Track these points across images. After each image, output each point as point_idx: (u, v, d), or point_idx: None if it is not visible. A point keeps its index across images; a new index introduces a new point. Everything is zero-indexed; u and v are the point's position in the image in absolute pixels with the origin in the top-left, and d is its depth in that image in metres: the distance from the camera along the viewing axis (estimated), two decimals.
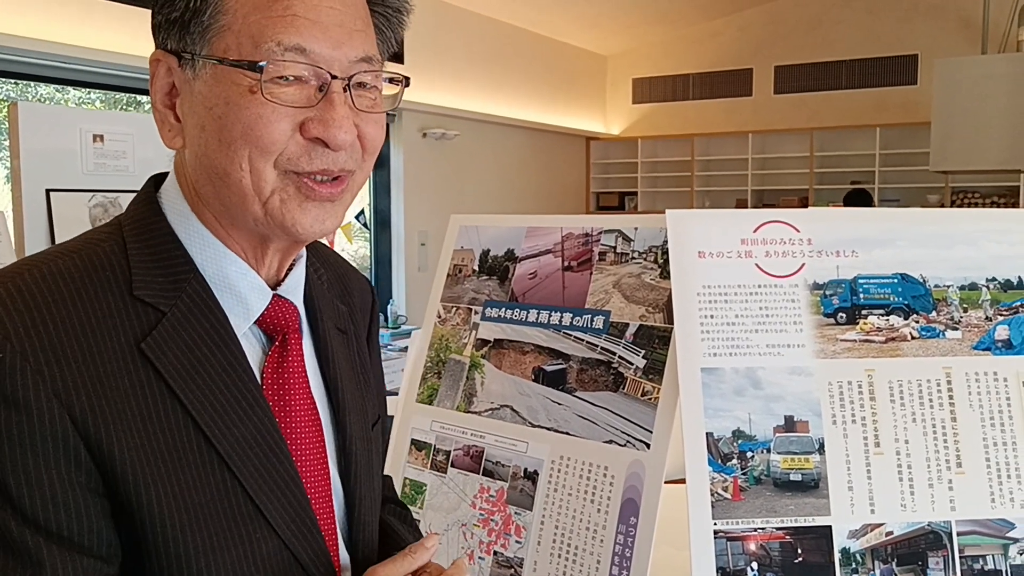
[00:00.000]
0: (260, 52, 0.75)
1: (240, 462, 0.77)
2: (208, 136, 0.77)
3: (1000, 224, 1.33)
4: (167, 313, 0.77)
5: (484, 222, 1.58)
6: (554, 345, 1.40)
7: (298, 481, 0.81)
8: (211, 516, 0.75)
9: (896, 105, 8.06)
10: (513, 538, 1.34)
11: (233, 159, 0.76)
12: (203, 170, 0.80)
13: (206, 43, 0.77)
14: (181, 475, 0.74)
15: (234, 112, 0.75)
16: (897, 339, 1.27)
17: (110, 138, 3.44)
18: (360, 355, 0.99)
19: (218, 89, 0.76)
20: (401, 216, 6.73)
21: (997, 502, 1.21)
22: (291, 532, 0.80)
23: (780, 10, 8.56)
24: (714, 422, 1.21)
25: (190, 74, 0.78)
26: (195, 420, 0.75)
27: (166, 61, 0.80)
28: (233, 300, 0.82)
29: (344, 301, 0.99)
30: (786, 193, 8.55)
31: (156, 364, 0.75)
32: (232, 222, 0.82)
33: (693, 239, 1.28)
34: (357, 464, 0.90)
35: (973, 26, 7.16)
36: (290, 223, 0.79)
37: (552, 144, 8.68)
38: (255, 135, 0.75)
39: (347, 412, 0.91)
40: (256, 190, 0.78)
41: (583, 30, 8.45)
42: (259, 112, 0.75)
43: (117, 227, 0.82)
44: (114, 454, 0.71)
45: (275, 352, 0.85)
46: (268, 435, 0.80)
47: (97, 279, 0.76)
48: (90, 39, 4.42)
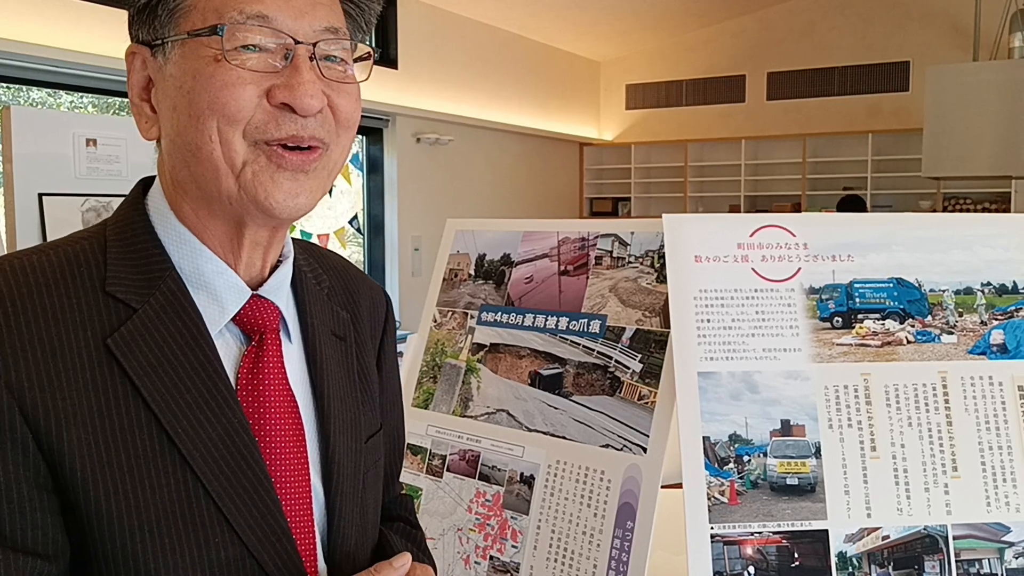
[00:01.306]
0: (223, 20, 0.76)
1: (204, 463, 0.75)
2: (179, 115, 0.78)
3: (995, 229, 1.33)
4: (138, 310, 0.76)
5: (480, 226, 1.58)
6: (550, 349, 1.40)
7: (267, 485, 0.79)
8: (165, 518, 0.73)
9: (888, 111, 8.10)
10: (509, 543, 1.34)
11: (203, 131, 0.77)
12: (177, 152, 0.80)
13: (174, 25, 0.78)
14: (136, 474, 0.72)
15: (201, 83, 0.76)
16: (893, 343, 1.27)
17: (103, 142, 3.43)
18: (361, 363, 0.97)
19: (185, 65, 0.77)
20: (395, 221, 6.72)
21: (992, 506, 1.21)
22: (256, 538, 0.77)
23: (773, 17, 8.59)
24: (711, 426, 1.21)
25: (162, 60, 0.80)
26: (158, 419, 0.74)
27: (140, 53, 0.82)
28: (209, 299, 0.81)
29: (347, 308, 0.97)
30: (779, 199, 8.58)
31: (121, 361, 0.74)
32: (209, 210, 0.81)
33: (690, 243, 1.28)
34: (341, 474, 0.88)
35: (964, 33, 7.20)
36: (263, 196, 0.78)
37: (546, 150, 8.69)
38: (221, 103, 0.76)
39: (333, 420, 0.88)
40: (228, 162, 0.77)
41: (577, 36, 8.47)
42: (224, 79, 0.76)
43: (102, 228, 0.82)
44: (64, 450, 0.70)
45: (251, 352, 0.83)
46: (237, 436, 0.78)
47: (70, 274, 0.76)
48: (82, 43, 4.42)
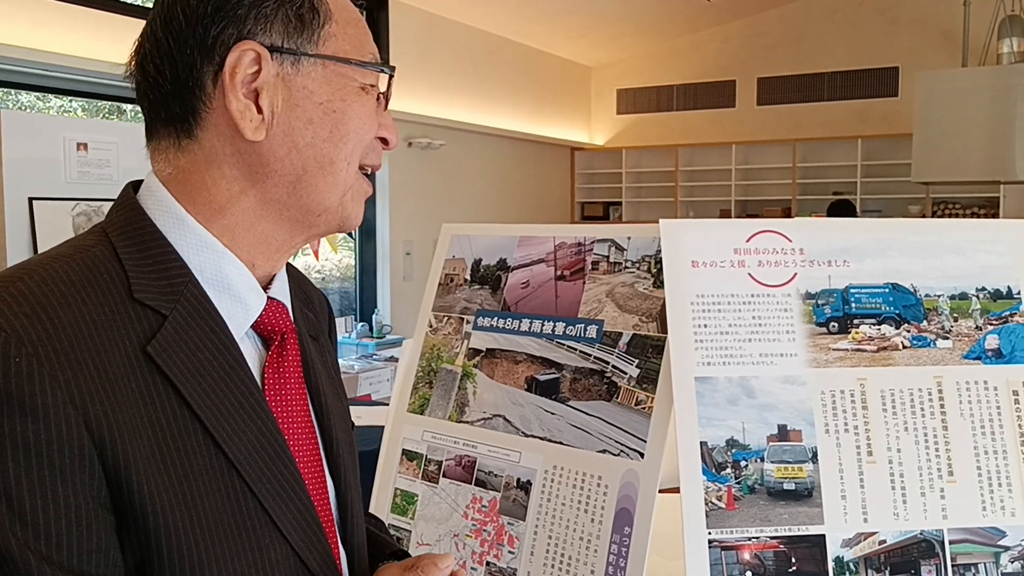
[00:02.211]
0: (364, 56, 0.85)
1: (249, 466, 0.76)
2: (317, 129, 0.82)
3: (989, 234, 1.34)
4: (168, 316, 0.75)
5: (476, 231, 1.58)
6: (547, 354, 1.40)
7: (303, 485, 0.81)
8: (222, 524, 0.74)
9: (878, 117, 8.15)
10: (506, 548, 1.34)
11: (342, 151, 0.83)
12: (300, 161, 0.82)
13: (319, 42, 0.82)
14: (193, 483, 0.72)
15: (351, 108, 0.83)
16: (889, 348, 1.28)
17: (94, 146, 3.41)
18: (332, 361, 1.00)
19: (331, 87, 0.82)
20: (386, 225, 6.72)
21: (988, 510, 1.22)
22: (299, 537, 0.79)
23: (763, 23, 8.63)
24: (708, 431, 1.21)
25: (290, 70, 0.81)
26: (204, 424, 0.74)
27: (258, 52, 0.79)
28: (231, 302, 0.81)
29: (309, 309, 0.99)
30: (769, 203, 8.61)
31: (163, 367, 0.73)
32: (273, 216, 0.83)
33: (686, 249, 1.29)
34: (345, 468, 0.91)
35: (954, 39, 7.25)
36: (354, 216, 0.87)
37: (537, 154, 8.69)
38: (363, 131, 0.84)
39: (331, 416, 0.91)
40: (347, 181, 0.85)
41: (568, 41, 8.48)
42: (368, 109, 0.85)
43: (102, 233, 0.80)
44: (127, 463, 0.69)
45: (275, 353, 0.84)
46: (273, 439, 0.79)
47: (97, 283, 0.74)
48: (72, 47, 4.40)
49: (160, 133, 0.83)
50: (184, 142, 0.81)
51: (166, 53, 0.79)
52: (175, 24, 0.79)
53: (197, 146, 0.81)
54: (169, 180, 0.82)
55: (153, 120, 0.83)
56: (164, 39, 0.79)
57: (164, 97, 0.80)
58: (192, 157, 0.81)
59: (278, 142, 0.81)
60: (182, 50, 0.79)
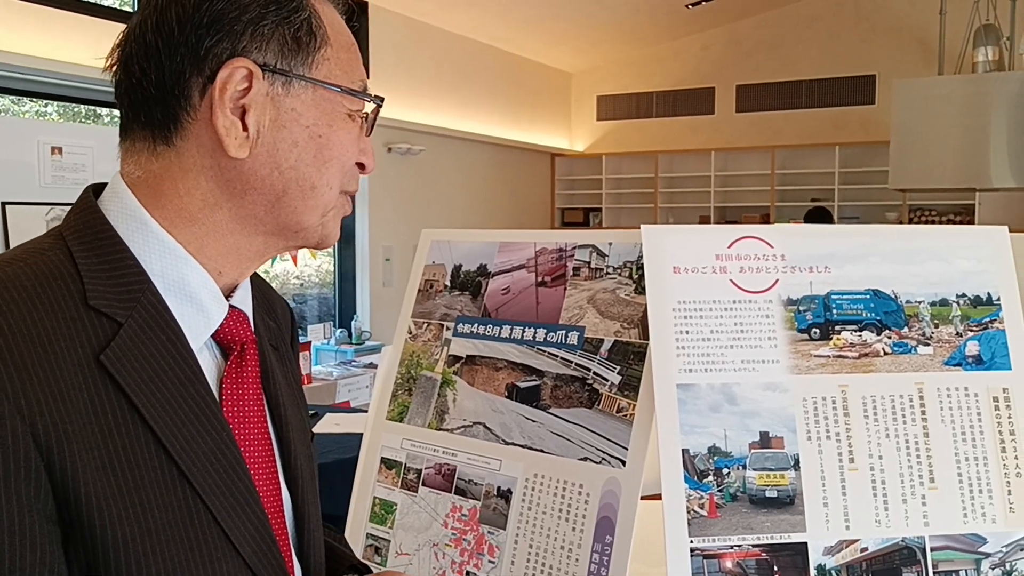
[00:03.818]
0: (354, 84, 0.85)
1: (201, 478, 0.74)
2: (302, 152, 0.81)
3: (969, 240, 1.34)
4: (124, 324, 0.73)
5: (456, 237, 1.56)
6: (528, 361, 1.39)
7: (257, 498, 0.79)
8: (173, 537, 0.72)
9: (855, 124, 8.21)
10: (486, 558, 1.32)
11: (324, 175, 0.83)
12: (282, 183, 0.81)
13: (310, 66, 0.81)
14: (143, 494, 0.71)
15: (336, 134, 0.83)
16: (870, 355, 1.28)
17: (69, 151, 3.37)
18: (292, 371, 0.98)
19: (319, 111, 0.82)
20: (366, 231, 6.69)
21: (969, 517, 1.22)
22: (251, 550, 0.77)
23: (741, 30, 8.69)
24: (690, 438, 1.20)
25: (280, 90, 0.80)
26: (156, 435, 0.72)
27: (250, 70, 0.78)
28: (192, 310, 0.79)
29: (271, 318, 0.97)
30: (748, 210, 8.66)
31: (116, 377, 0.71)
32: (249, 228, 0.82)
33: (668, 254, 1.28)
34: (303, 480, 0.89)
35: (930, 48, 7.33)
36: (330, 235, 0.87)
37: (517, 160, 8.69)
38: (346, 157, 0.85)
39: (290, 428, 0.89)
40: (327, 205, 0.85)
41: (548, 47, 8.50)
42: (352, 136, 0.85)
43: (58, 237, 0.78)
44: (76, 474, 0.67)
45: (234, 363, 0.83)
46: (228, 450, 0.77)
47: (50, 289, 0.72)
48: (47, 50, 4.34)
49: (135, 135, 0.80)
50: (160, 148, 0.79)
51: (154, 57, 0.77)
52: (167, 28, 0.77)
53: (174, 154, 0.79)
54: (137, 183, 0.80)
55: (131, 121, 0.80)
56: (154, 42, 0.77)
57: (146, 101, 0.78)
58: (166, 164, 0.79)
59: (261, 161, 0.79)
60: (171, 57, 0.77)
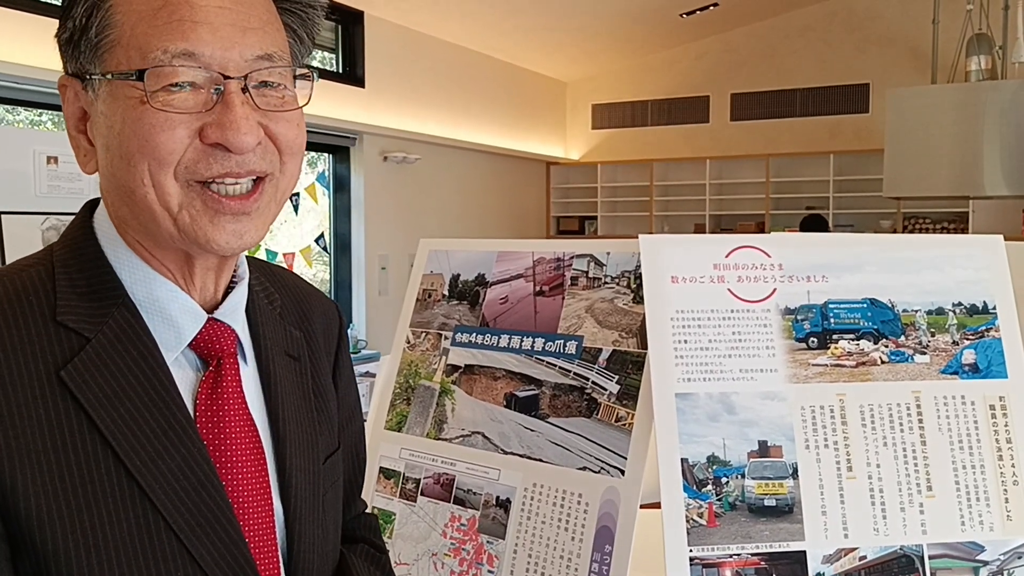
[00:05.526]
0: (147, 61, 0.73)
1: (164, 496, 0.73)
2: (112, 155, 0.75)
3: (965, 250, 1.35)
4: (91, 339, 0.74)
5: (454, 246, 1.57)
6: (526, 371, 1.39)
7: (230, 516, 0.77)
8: (126, 554, 0.70)
9: (849, 133, 8.24)
10: (485, 568, 1.32)
11: (135, 175, 0.74)
12: (115, 191, 0.78)
13: (98, 60, 0.75)
14: (95, 511, 0.70)
15: (130, 126, 0.73)
16: (867, 363, 1.28)
17: (64, 160, 3.36)
18: (316, 382, 0.95)
19: (114, 106, 0.74)
20: (361, 240, 6.68)
21: (967, 525, 1.22)
22: (219, 568, 0.75)
23: (736, 39, 8.72)
24: (689, 448, 1.21)
25: (92, 96, 0.77)
26: (115, 452, 0.71)
27: (72, 86, 0.78)
28: (164, 325, 0.79)
29: (300, 327, 0.95)
30: (743, 218, 8.67)
31: (76, 393, 0.71)
32: (155, 242, 0.79)
33: (666, 264, 1.28)
34: (299, 497, 0.86)
35: (923, 57, 7.36)
36: (203, 240, 0.76)
37: (513, 169, 8.70)
38: (150, 146, 0.73)
39: (287, 444, 0.86)
40: (163, 205, 0.75)
41: (543, 56, 8.52)
42: (151, 122, 0.73)
43: (49, 253, 0.79)
44: (19, 490, 0.67)
45: (209, 378, 0.81)
46: (197, 467, 0.75)
47: (19, 304, 0.73)
48: (41, 58, 4.34)
49: None
50: None
51: None
52: None
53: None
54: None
55: None
56: None
57: None
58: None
59: (102, 174, 0.79)
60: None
